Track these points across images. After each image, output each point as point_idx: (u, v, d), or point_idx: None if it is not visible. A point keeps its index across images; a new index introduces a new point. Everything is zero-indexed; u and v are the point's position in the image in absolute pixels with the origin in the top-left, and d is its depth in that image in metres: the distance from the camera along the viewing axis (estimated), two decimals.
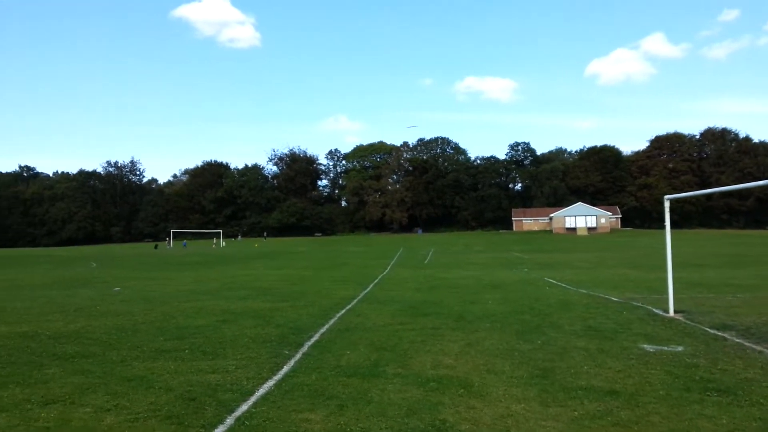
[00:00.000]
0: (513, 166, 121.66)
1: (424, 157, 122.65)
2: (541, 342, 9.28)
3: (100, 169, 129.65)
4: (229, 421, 5.53)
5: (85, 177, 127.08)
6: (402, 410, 5.82)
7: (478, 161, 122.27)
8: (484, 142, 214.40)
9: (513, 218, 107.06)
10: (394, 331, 10.49)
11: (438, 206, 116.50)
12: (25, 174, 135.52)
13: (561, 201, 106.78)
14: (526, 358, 8.16)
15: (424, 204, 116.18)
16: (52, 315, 13.03)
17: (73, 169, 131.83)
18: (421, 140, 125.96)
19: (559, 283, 19.65)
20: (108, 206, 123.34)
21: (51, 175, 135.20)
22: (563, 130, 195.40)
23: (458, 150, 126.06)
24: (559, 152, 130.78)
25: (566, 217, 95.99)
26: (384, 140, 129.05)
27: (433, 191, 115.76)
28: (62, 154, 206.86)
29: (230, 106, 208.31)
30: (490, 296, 16.03)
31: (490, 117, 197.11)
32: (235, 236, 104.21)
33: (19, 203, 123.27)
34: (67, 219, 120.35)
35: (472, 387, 6.67)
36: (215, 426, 5.39)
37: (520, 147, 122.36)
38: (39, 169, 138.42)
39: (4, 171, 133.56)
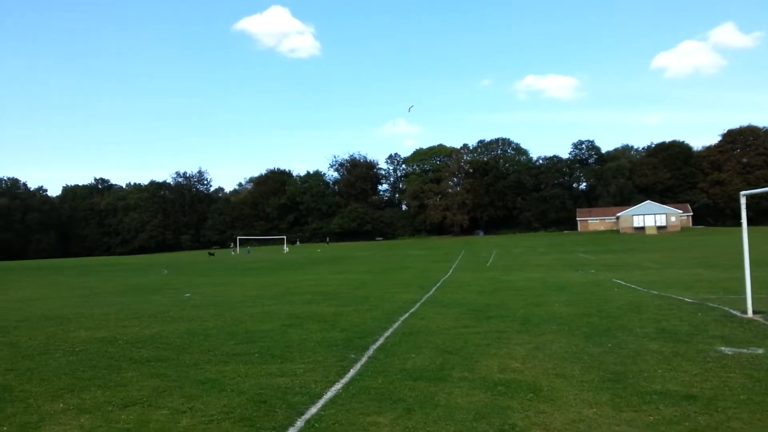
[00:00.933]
0: (577, 165, 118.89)
1: (485, 159, 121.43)
2: (611, 345, 9.03)
3: (169, 180, 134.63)
4: (299, 423, 5.63)
5: (155, 188, 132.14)
6: (470, 414, 5.78)
7: (541, 161, 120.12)
8: (546, 141, 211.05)
9: (578, 218, 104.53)
10: (458, 334, 10.43)
11: (499, 208, 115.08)
12: (100, 186, 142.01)
13: (628, 200, 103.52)
14: (596, 361, 7.95)
15: (485, 206, 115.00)
16: (128, 321, 13.60)
17: (144, 181, 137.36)
18: (481, 142, 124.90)
19: (628, 285, 19.04)
20: (177, 215, 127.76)
21: (124, 186, 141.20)
22: (629, 127, 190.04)
23: (519, 150, 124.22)
24: (625, 149, 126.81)
25: (634, 216, 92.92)
26: (443, 143, 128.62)
27: (495, 193, 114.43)
28: (134, 166, 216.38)
29: (292, 115, 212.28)
30: (555, 298, 15.71)
31: (551, 116, 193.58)
32: (294, 242, 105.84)
33: (95, 214, 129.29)
34: (140, 228, 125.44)
35: (541, 391, 6.55)
36: (286, 428, 5.50)
37: (584, 145, 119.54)
38: (113, 181, 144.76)
39: (81, 184, 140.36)
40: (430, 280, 24.29)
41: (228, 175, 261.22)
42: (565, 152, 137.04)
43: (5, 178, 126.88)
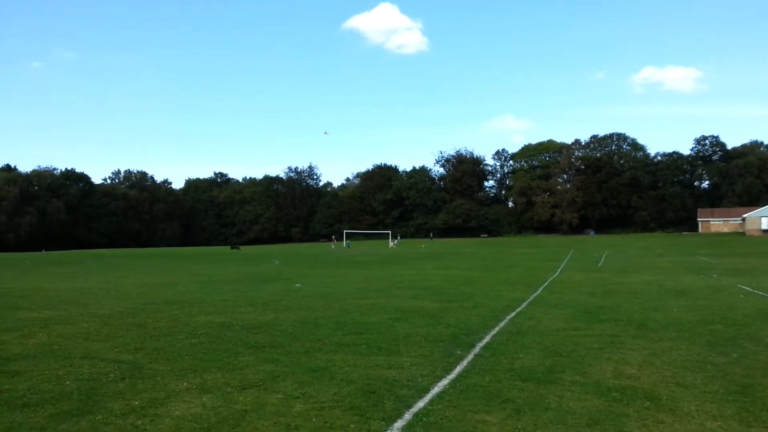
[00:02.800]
0: (699, 162, 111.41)
1: (598, 155, 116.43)
2: (737, 355, 8.40)
3: (282, 175, 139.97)
4: (407, 416, 5.69)
5: (269, 182, 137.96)
6: (583, 419, 5.58)
7: (659, 157, 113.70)
8: (665, 136, 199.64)
9: (699, 219, 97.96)
10: (568, 336, 10.10)
11: (612, 206, 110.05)
12: (218, 180, 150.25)
13: (756, 199, 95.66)
14: (720, 372, 7.43)
15: (597, 204, 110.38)
16: (243, 308, 14.31)
17: (259, 175, 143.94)
18: (594, 137, 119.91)
19: (756, 291, 17.60)
20: (289, 208, 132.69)
21: (240, 180, 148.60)
22: (759, 121, 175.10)
23: (635, 146, 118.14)
24: (754, 145, 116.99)
25: (763, 218, 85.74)
26: (553, 138, 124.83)
27: (607, 191, 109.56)
28: (250, 161, 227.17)
29: (399, 111, 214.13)
30: (674, 303, 14.81)
31: (671, 109, 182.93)
32: (395, 237, 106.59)
33: (214, 206, 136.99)
34: (254, 220, 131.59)
35: (659, 400, 6.21)
36: (394, 420, 5.57)
37: (707, 141, 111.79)
38: (231, 175, 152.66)
39: (202, 177, 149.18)
40: (538, 279, 23.68)
41: (336, 170, 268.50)
42: (686, 148, 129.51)
43: (135, 172, 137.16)
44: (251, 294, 17.83)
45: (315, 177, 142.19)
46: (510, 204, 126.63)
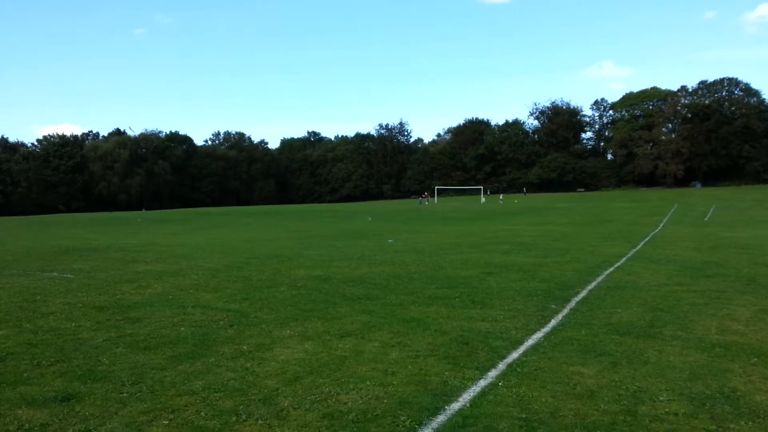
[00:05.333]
0: None
1: (706, 102, 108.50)
2: None
3: (373, 132, 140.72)
4: (501, 366, 5.77)
5: (360, 139, 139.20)
6: (684, 374, 5.45)
7: None
8: None
9: None
10: (670, 291, 9.76)
11: (721, 157, 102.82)
12: (312, 139, 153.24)
13: None
14: None
15: (704, 155, 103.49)
16: (339, 262, 14.79)
17: (350, 133, 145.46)
18: (702, 83, 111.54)
19: None
20: (380, 165, 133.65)
21: (333, 138, 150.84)
22: None
23: (749, 91, 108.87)
24: None
25: None
26: (657, 85, 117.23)
27: (716, 140, 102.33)
28: (342, 119, 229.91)
29: (491, 62, 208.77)
30: None
31: None
32: (486, 192, 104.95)
33: (308, 165, 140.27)
34: (346, 178, 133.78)
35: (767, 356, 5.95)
36: (488, 369, 5.67)
37: None
38: (323, 134, 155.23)
39: (296, 137, 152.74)
40: (638, 234, 22.81)
41: (427, 126, 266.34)
42: None
43: (233, 133, 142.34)
44: (346, 249, 18.34)
45: (405, 133, 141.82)
46: (609, 156, 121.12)
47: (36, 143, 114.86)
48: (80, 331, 7.49)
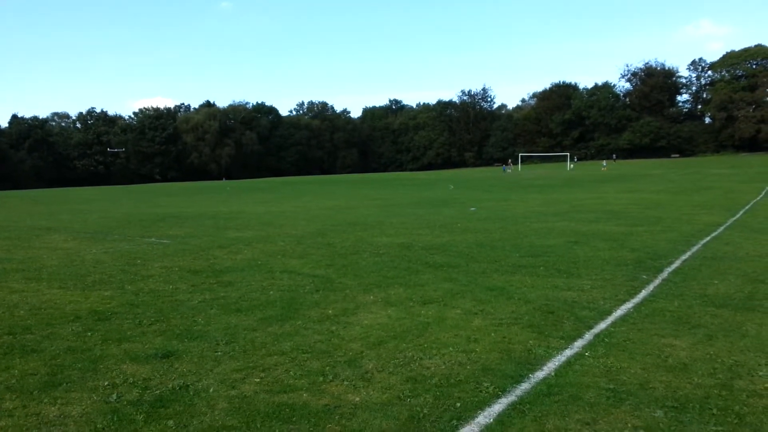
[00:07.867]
0: None
1: None
2: None
3: (455, 99, 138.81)
4: (588, 336, 5.64)
5: (442, 107, 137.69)
6: None
7: None
8: None
9: None
10: None
11: None
12: (393, 107, 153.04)
13: None
14: None
15: None
16: (421, 230, 14.82)
17: (432, 100, 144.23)
18: None
19: None
20: (462, 133, 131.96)
21: (414, 106, 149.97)
22: None
23: None
24: None
25: None
26: (762, 43, 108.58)
27: None
28: (423, 86, 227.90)
29: (580, 23, 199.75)
30: None
31: None
32: (573, 159, 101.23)
33: (390, 133, 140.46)
34: (428, 146, 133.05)
35: None
36: (574, 339, 5.56)
37: None
38: (405, 102, 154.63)
39: (378, 105, 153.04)
40: (738, 202, 21.47)
41: (511, 91, 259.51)
42: None
43: (317, 103, 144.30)
44: (428, 217, 18.35)
45: (489, 99, 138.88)
46: (707, 120, 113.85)
47: (132, 116, 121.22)
48: (177, 293, 7.93)
